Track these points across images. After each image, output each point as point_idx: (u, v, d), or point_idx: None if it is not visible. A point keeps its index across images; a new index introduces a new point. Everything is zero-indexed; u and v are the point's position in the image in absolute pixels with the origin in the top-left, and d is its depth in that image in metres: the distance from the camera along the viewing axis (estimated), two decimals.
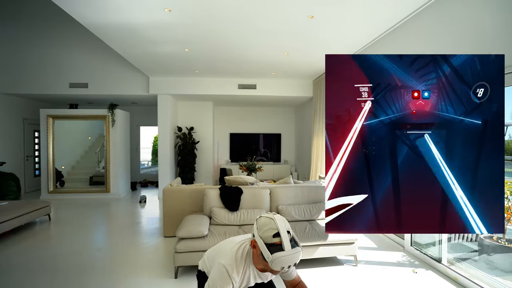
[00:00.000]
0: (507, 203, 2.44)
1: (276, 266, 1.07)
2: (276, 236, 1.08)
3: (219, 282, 1.16)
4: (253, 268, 1.26)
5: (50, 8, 5.67)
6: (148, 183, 8.54)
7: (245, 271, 1.23)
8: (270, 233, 1.09)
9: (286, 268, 1.08)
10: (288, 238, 1.09)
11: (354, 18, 3.37)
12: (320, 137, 5.84)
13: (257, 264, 1.23)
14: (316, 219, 3.33)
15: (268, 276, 1.35)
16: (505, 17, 2.18)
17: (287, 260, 1.06)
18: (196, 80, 6.48)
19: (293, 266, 1.10)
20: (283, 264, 1.06)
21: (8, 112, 6.62)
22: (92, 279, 2.74)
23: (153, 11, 3.23)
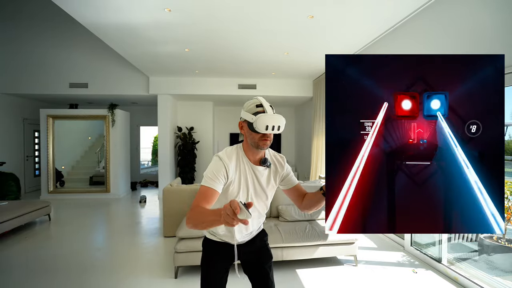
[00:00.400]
0: (507, 203, 2.44)
1: (260, 125, 1.14)
2: (259, 106, 1.20)
3: (213, 167, 1.22)
4: (246, 161, 1.30)
5: (50, 8, 5.66)
6: (148, 183, 8.54)
7: (237, 160, 1.28)
8: (254, 105, 1.21)
9: (270, 130, 1.15)
10: (271, 109, 1.20)
11: (354, 18, 3.37)
12: (320, 137, 5.84)
13: (247, 151, 1.29)
14: (316, 219, 3.33)
15: (264, 173, 1.32)
16: (505, 17, 2.18)
17: (269, 119, 1.15)
18: (196, 80, 6.48)
19: (277, 129, 1.17)
20: (266, 122, 1.14)
21: (8, 112, 6.62)
22: (92, 279, 2.74)
23: (153, 11, 3.23)
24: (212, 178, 1.20)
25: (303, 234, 2.90)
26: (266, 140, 1.22)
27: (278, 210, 3.36)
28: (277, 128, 1.17)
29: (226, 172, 1.23)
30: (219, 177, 1.20)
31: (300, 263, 3.01)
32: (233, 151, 1.29)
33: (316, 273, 2.86)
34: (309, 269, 2.92)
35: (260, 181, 1.32)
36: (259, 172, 1.32)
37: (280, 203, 3.42)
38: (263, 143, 1.22)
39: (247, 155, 1.31)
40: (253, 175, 1.31)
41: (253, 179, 1.31)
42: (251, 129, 1.20)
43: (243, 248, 1.41)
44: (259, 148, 1.24)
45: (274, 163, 1.38)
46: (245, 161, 1.30)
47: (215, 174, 1.20)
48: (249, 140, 1.25)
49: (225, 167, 1.22)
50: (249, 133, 1.23)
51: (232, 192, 1.27)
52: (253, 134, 1.22)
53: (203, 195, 1.16)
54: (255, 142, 1.23)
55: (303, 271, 2.88)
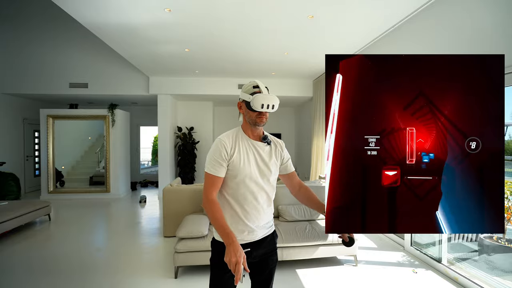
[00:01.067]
0: (507, 203, 2.44)
1: (257, 104, 1.24)
2: (256, 87, 1.31)
3: (212, 150, 1.32)
4: (246, 137, 1.37)
5: (50, 8, 5.66)
6: (148, 183, 8.54)
7: (237, 138, 1.36)
8: (251, 86, 1.32)
9: (266, 108, 1.25)
10: (266, 90, 1.32)
11: (354, 18, 3.37)
12: (320, 137, 5.84)
13: (246, 129, 1.38)
14: (316, 219, 3.33)
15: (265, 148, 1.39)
16: (504, 17, 2.18)
17: (265, 98, 1.25)
18: (196, 80, 6.48)
19: (271, 108, 1.27)
20: (262, 101, 1.24)
21: (8, 112, 6.62)
22: (92, 279, 2.74)
23: (153, 11, 3.23)
24: (214, 164, 1.29)
25: (303, 234, 2.90)
26: (262, 117, 1.31)
27: (278, 210, 3.36)
28: (272, 106, 1.27)
29: (225, 149, 1.30)
30: (219, 161, 1.29)
31: (300, 263, 3.01)
32: (232, 131, 1.39)
33: (316, 273, 2.86)
34: (309, 269, 2.92)
35: (261, 155, 1.38)
36: (260, 147, 1.38)
37: (280, 203, 3.42)
38: (260, 120, 1.31)
39: (247, 133, 1.38)
40: (254, 150, 1.37)
41: (254, 153, 1.36)
42: (249, 108, 1.30)
43: (255, 249, 1.38)
44: (257, 125, 1.33)
45: (274, 144, 1.45)
46: (244, 138, 1.37)
47: (216, 159, 1.29)
48: (247, 118, 1.35)
49: (224, 146, 1.30)
50: (247, 111, 1.33)
51: (236, 164, 1.31)
52: (251, 112, 1.31)
53: (210, 182, 1.29)
54: (253, 119, 1.32)
55: (303, 271, 2.89)
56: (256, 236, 1.38)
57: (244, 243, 1.35)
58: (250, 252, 1.35)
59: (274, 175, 1.41)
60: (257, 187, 1.35)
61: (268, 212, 1.42)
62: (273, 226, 1.50)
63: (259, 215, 1.37)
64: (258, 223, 1.37)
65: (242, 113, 1.38)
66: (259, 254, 1.40)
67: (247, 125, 1.37)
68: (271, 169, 1.38)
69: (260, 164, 1.36)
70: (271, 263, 1.44)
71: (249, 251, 1.34)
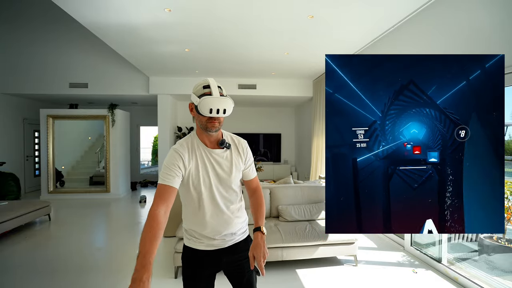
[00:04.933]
0: (507, 203, 2.44)
1: (204, 109, 1.10)
2: (207, 87, 1.16)
3: (166, 161, 1.19)
4: (202, 146, 1.24)
5: (50, 9, 5.66)
6: (148, 183, 8.54)
7: (192, 147, 1.23)
8: (201, 86, 1.17)
9: (215, 113, 1.11)
10: (218, 90, 1.15)
11: (354, 18, 3.37)
12: (320, 137, 5.84)
13: (201, 134, 1.24)
14: (316, 219, 3.33)
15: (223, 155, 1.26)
16: (504, 17, 2.18)
17: (213, 101, 1.10)
18: (196, 80, 6.43)
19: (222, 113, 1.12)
20: (210, 105, 1.10)
21: (8, 112, 6.62)
22: (92, 279, 2.74)
23: (153, 11, 3.23)
24: (167, 172, 1.15)
25: (303, 234, 2.90)
26: (214, 122, 1.16)
27: (278, 210, 3.36)
28: (222, 111, 1.12)
29: (182, 161, 1.18)
30: (173, 170, 1.16)
31: (300, 263, 3.01)
32: (187, 139, 1.25)
33: (316, 273, 2.86)
34: (309, 269, 2.92)
35: (221, 165, 1.24)
36: (218, 155, 1.24)
37: (280, 203, 3.42)
38: (211, 125, 1.17)
39: (202, 140, 1.25)
40: (211, 160, 1.23)
41: (213, 164, 1.23)
42: (198, 111, 1.16)
43: (225, 256, 1.31)
44: (208, 131, 1.19)
45: (234, 144, 1.31)
46: (200, 147, 1.24)
47: (169, 168, 1.16)
48: (198, 123, 1.21)
49: (180, 156, 1.18)
50: (197, 115, 1.19)
51: (193, 179, 1.21)
52: (201, 117, 1.17)
53: (159, 193, 1.13)
54: (203, 124, 1.18)
55: (303, 271, 2.88)
56: (226, 243, 1.30)
57: (214, 248, 1.29)
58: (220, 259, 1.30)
59: (237, 181, 1.31)
60: (221, 199, 1.25)
61: (237, 220, 1.32)
62: (247, 231, 1.42)
63: (227, 225, 1.29)
64: (227, 232, 1.29)
65: (194, 116, 1.22)
66: (233, 260, 1.32)
67: (201, 130, 1.22)
68: (232, 175, 1.26)
69: (220, 174, 1.24)
70: (246, 267, 1.33)
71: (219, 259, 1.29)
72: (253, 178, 1.38)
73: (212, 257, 1.30)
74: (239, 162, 1.29)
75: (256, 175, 1.41)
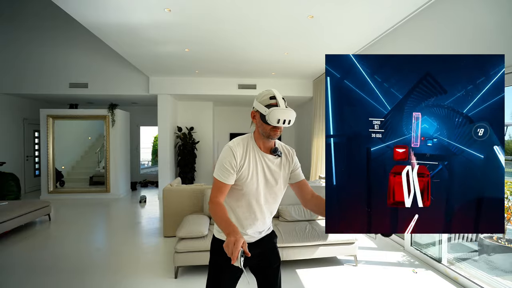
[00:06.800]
0: (507, 203, 2.44)
1: (272, 119, 1.19)
2: (273, 98, 1.24)
3: (222, 157, 1.28)
4: (257, 149, 1.33)
5: (50, 9, 5.66)
6: (148, 183, 8.54)
7: (247, 148, 1.31)
8: (267, 97, 1.25)
9: (282, 123, 1.20)
10: (283, 102, 1.24)
11: (354, 17, 3.37)
12: (320, 137, 5.84)
13: (258, 140, 1.34)
14: (316, 219, 3.33)
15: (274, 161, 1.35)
16: (505, 17, 2.18)
17: (282, 113, 1.19)
18: (196, 80, 6.48)
19: (287, 123, 1.21)
20: (278, 116, 1.18)
21: (8, 112, 6.62)
22: (92, 279, 2.74)
23: (153, 11, 3.23)
24: (223, 170, 1.25)
25: (303, 234, 2.90)
26: (276, 131, 1.26)
27: (278, 210, 3.36)
28: (288, 122, 1.21)
29: (235, 159, 1.26)
30: (228, 168, 1.25)
31: (300, 263, 3.01)
32: (243, 140, 1.34)
33: (316, 273, 2.86)
34: (309, 269, 2.92)
35: (270, 168, 1.34)
36: (270, 160, 1.34)
37: (280, 203, 3.42)
38: (274, 133, 1.26)
39: (258, 144, 1.34)
40: (263, 162, 1.33)
41: (263, 166, 1.33)
42: (263, 120, 1.24)
43: (251, 250, 1.34)
44: (270, 138, 1.28)
45: (284, 153, 1.40)
46: (255, 149, 1.33)
47: (225, 166, 1.25)
48: (261, 130, 1.29)
49: (233, 154, 1.27)
50: (261, 123, 1.27)
51: (243, 177, 1.29)
52: (265, 125, 1.26)
53: (217, 188, 1.26)
54: (266, 132, 1.27)
55: (303, 271, 2.88)
56: (252, 239, 1.39)
57: None
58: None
59: (282, 188, 1.40)
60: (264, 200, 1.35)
61: (269, 221, 1.43)
62: (271, 227, 1.50)
63: (262, 225, 1.39)
64: (255, 230, 1.39)
65: (256, 123, 1.32)
66: (258, 254, 1.39)
67: (259, 136, 1.32)
68: (278, 182, 1.36)
69: (269, 178, 1.34)
70: (273, 260, 1.43)
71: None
72: (303, 179, 1.44)
73: None
74: (287, 168, 1.39)
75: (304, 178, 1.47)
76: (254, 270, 1.45)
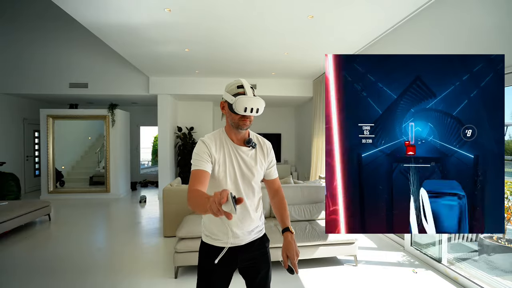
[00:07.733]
0: (507, 203, 2.44)
1: (239, 107, 1.15)
2: (240, 87, 1.21)
3: (195, 150, 1.25)
4: (229, 142, 1.30)
5: (50, 9, 5.66)
6: (148, 183, 8.54)
7: (220, 141, 1.29)
8: (235, 86, 1.22)
9: (249, 112, 1.16)
10: (251, 91, 1.21)
11: (354, 18, 3.37)
12: (320, 137, 5.84)
13: (229, 132, 1.30)
14: (316, 219, 3.33)
15: (249, 153, 1.31)
16: (504, 17, 2.18)
17: (249, 100, 1.16)
18: (196, 80, 6.48)
19: (255, 112, 1.18)
20: (245, 104, 1.15)
21: (8, 112, 6.62)
22: (92, 279, 2.74)
23: (153, 11, 3.23)
24: (197, 159, 1.21)
25: (303, 234, 2.90)
26: (246, 120, 1.23)
27: None
28: (256, 110, 1.18)
29: (209, 150, 1.23)
30: (203, 156, 1.21)
31: (300, 263, 3.00)
32: (215, 134, 1.31)
33: (316, 273, 2.86)
34: (309, 269, 2.92)
35: (245, 161, 1.30)
36: (244, 152, 1.30)
37: None
38: (243, 123, 1.23)
39: (230, 136, 1.31)
40: (237, 155, 1.29)
41: (238, 159, 1.29)
42: (231, 110, 1.21)
43: (241, 254, 1.33)
44: (239, 129, 1.25)
45: (259, 145, 1.36)
46: (228, 143, 1.30)
47: (199, 155, 1.22)
48: (230, 121, 1.26)
49: (206, 146, 1.24)
50: (229, 113, 1.24)
51: (218, 174, 1.26)
52: (233, 115, 1.22)
53: (194, 177, 1.18)
54: (235, 122, 1.23)
55: (303, 271, 2.88)
56: (242, 240, 1.32)
57: (230, 246, 1.29)
58: (235, 256, 1.31)
59: (258, 179, 1.35)
60: (244, 193, 1.29)
61: (255, 217, 1.35)
62: (263, 230, 1.44)
63: (245, 221, 1.32)
64: (243, 229, 1.32)
65: (225, 114, 1.29)
66: (248, 258, 1.35)
67: (230, 128, 1.29)
68: (254, 173, 1.31)
69: (244, 170, 1.30)
70: (263, 266, 1.37)
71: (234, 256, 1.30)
72: (275, 178, 1.43)
73: (227, 254, 1.30)
74: (262, 161, 1.34)
75: (277, 176, 1.45)
76: (244, 273, 1.40)
